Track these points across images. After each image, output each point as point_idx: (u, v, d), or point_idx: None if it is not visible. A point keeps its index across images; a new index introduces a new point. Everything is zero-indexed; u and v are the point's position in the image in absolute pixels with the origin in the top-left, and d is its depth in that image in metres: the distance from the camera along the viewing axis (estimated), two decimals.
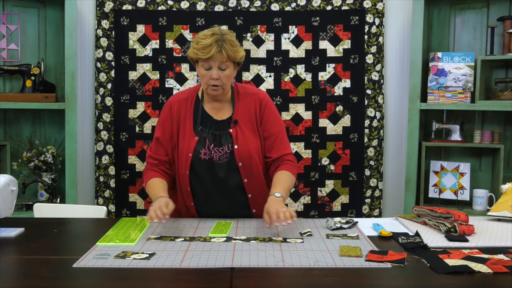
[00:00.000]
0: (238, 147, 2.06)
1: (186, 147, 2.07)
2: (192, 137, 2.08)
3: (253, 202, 2.12)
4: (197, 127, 2.09)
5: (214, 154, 2.06)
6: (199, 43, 1.99)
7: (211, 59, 1.98)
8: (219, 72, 2.01)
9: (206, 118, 2.11)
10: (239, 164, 2.06)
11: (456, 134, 3.29)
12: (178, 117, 2.12)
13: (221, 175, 2.07)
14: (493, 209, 2.10)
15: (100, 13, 3.41)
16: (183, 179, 2.10)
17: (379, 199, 3.48)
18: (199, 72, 2.05)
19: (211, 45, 1.96)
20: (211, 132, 2.08)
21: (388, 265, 1.48)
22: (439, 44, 3.39)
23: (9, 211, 1.85)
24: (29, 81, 3.25)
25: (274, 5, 3.42)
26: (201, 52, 1.97)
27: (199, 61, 2.02)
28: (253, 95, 2.16)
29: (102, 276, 1.43)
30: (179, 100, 2.15)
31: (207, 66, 2.00)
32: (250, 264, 1.49)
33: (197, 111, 2.12)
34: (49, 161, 3.27)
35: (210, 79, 2.01)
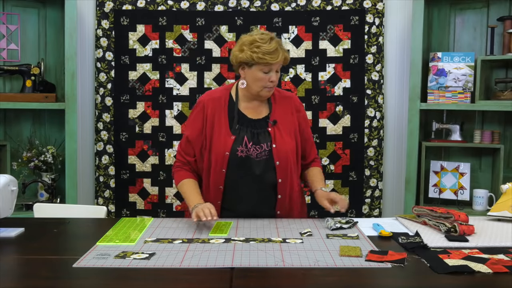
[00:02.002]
0: (277, 146, 2.10)
1: (223, 145, 2.08)
2: (228, 136, 2.10)
3: (280, 204, 2.13)
4: (234, 126, 2.11)
5: (252, 152, 2.09)
6: (260, 47, 2.02)
7: (274, 64, 2.04)
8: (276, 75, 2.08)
9: (242, 118, 2.14)
10: (276, 163, 2.09)
11: (456, 134, 3.29)
12: (212, 117, 2.13)
13: (258, 172, 2.09)
14: (493, 209, 2.10)
15: (100, 13, 3.41)
16: (216, 177, 2.10)
17: (379, 199, 3.48)
18: (253, 75, 2.07)
19: (277, 49, 2.03)
20: (249, 130, 2.11)
21: (388, 265, 1.48)
22: (439, 44, 3.39)
23: (9, 211, 1.85)
24: (29, 81, 3.25)
25: (274, 5, 3.42)
26: (269, 56, 2.01)
27: (256, 65, 2.04)
28: (288, 98, 2.23)
29: (102, 276, 1.43)
30: (212, 99, 2.17)
31: (267, 70, 2.05)
32: (250, 264, 1.49)
33: (232, 111, 2.14)
34: (49, 161, 3.27)
35: (268, 82, 2.06)
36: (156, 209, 3.48)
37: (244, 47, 2.06)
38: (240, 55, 2.07)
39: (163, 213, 3.47)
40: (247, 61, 2.05)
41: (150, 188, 3.47)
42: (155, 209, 3.48)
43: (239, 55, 2.07)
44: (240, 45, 2.09)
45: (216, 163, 2.09)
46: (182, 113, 3.45)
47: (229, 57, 2.21)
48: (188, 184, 2.13)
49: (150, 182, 3.48)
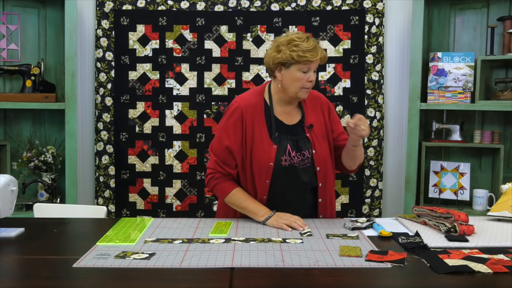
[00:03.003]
0: (316, 151, 2.08)
1: (266, 156, 2.03)
2: (270, 146, 2.05)
3: (322, 207, 2.12)
4: (273, 134, 2.06)
5: (296, 160, 2.06)
6: (299, 45, 1.97)
7: (313, 62, 2.00)
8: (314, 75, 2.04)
9: (279, 124, 2.09)
10: (317, 168, 2.08)
11: (456, 134, 3.29)
12: (252, 124, 2.07)
13: (303, 180, 2.07)
14: (493, 209, 2.10)
15: (100, 13, 3.41)
16: (261, 188, 2.06)
17: (379, 199, 3.48)
18: (291, 76, 2.01)
19: (316, 47, 2.00)
20: (289, 138, 2.07)
21: (388, 265, 1.48)
22: (439, 44, 3.39)
23: (9, 211, 1.85)
24: (29, 81, 3.25)
25: (274, 5, 3.42)
26: (309, 54, 1.97)
27: (295, 65, 1.99)
28: (317, 99, 2.20)
29: (102, 276, 1.43)
30: (249, 106, 2.09)
31: (306, 69, 2.00)
32: (250, 264, 1.49)
33: (269, 117, 2.09)
34: (49, 161, 3.27)
35: (307, 81, 2.01)
36: (156, 209, 3.48)
37: (282, 47, 2.00)
38: (277, 55, 2.00)
39: (163, 213, 3.47)
40: (286, 61, 1.99)
41: (150, 188, 3.47)
42: (155, 209, 3.48)
43: (277, 56, 2.01)
44: (276, 46, 2.03)
45: (260, 173, 2.04)
46: (182, 113, 3.45)
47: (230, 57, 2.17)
48: (242, 193, 2.07)
49: (150, 182, 3.48)
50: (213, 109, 3.45)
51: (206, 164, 3.47)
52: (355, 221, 1.96)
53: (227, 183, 2.09)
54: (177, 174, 3.47)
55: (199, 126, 3.46)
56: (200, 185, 3.48)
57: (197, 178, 3.47)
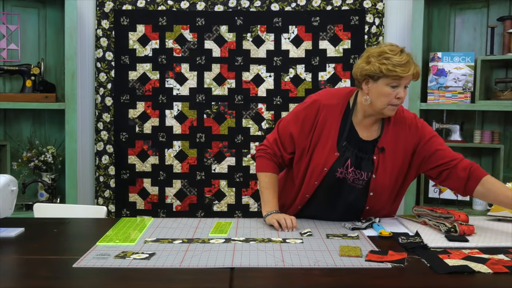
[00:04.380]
0: (377, 177, 1.96)
1: (324, 160, 1.97)
2: (333, 152, 1.97)
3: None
4: (341, 142, 1.97)
5: (350, 176, 1.97)
6: (390, 58, 1.85)
7: (405, 78, 1.86)
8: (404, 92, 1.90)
9: (352, 135, 1.99)
10: (370, 193, 1.99)
11: (456, 134, 3.29)
12: (324, 123, 1.99)
13: (349, 198, 2.00)
14: (493, 209, 2.10)
15: (100, 13, 3.41)
16: (307, 187, 2.02)
17: None
18: (378, 90, 1.89)
19: (409, 62, 1.87)
20: (354, 153, 1.97)
21: (388, 265, 1.48)
22: (439, 44, 3.39)
23: (9, 211, 1.85)
24: (29, 81, 3.25)
25: (274, 5, 3.42)
26: (400, 69, 1.84)
27: (384, 79, 1.87)
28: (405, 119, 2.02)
29: (102, 276, 1.43)
30: (329, 104, 2.01)
31: (396, 84, 1.87)
32: (250, 264, 1.49)
33: (344, 124, 1.99)
34: (49, 161, 3.27)
35: (395, 98, 1.88)
36: (156, 209, 3.48)
37: (372, 58, 1.89)
38: (366, 67, 1.89)
39: (163, 213, 3.47)
40: (374, 73, 1.87)
41: (150, 188, 3.47)
42: (155, 209, 3.48)
43: (365, 67, 1.90)
44: (366, 57, 1.92)
45: (312, 174, 2.00)
46: (182, 113, 3.45)
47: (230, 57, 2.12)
48: (271, 180, 2.05)
49: (150, 182, 3.48)
50: (213, 109, 3.45)
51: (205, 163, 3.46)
52: (355, 221, 1.96)
53: (269, 162, 2.06)
54: (177, 174, 3.47)
55: (199, 126, 3.46)
56: (200, 185, 3.48)
57: (197, 178, 3.47)
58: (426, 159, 1.99)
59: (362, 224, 1.92)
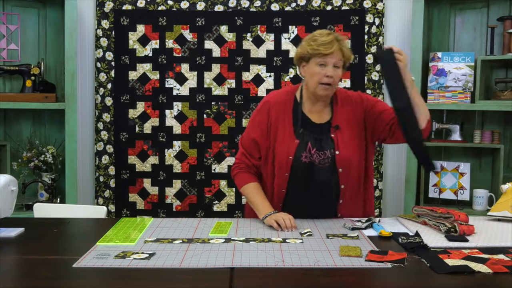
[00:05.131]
0: (340, 152, 2.06)
1: (287, 150, 2.06)
2: (292, 140, 2.07)
3: (342, 208, 2.11)
4: (298, 129, 2.08)
5: (315, 158, 2.06)
6: (316, 40, 2.01)
7: (330, 56, 2.00)
8: (333, 70, 2.02)
9: (306, 121, 2.11)
10: (339, 169, 2.06)
11: (456, 134, 3.29)
12: (276, 119, 2.12)
13: (321, 179, 2.06)
14: (493, 209, 2.10)
15: (100, 13, 3.41)
16: (280, 181, 2.09)
17: (379, 199, 3.48)
18: (310, 70, 2.04)
19: (332, 41, 2.01)
20: (312, 136, 2.07)
21: (388, 265, 1.48)
22: (439, 44, 3.39)
23: (9, 211, 1.85)
24: (29, 81, 3.25)
25: (274, 5, 3.42)
26: (322, 47, 1.99)
27: (312, 59, 2.02)
28: (349, 97, 2.16)
29: (102, 276, 1.43)
30: (276, 102, 2.15)
31: (323, 62, 2.01)
32: (250, 264, 1.49)
33: (296, 114, 2.11)
34: (49, 161, 3.27)
35: (324, 76, 2.01)
36: (156, 209, 3.48)
37: (304, 42, 2.07)
38: (299, 50, 2.08)
39: (163, 213, 3.47)
40: (304, 55, 2.05)
41: (150, 188, 3.48)
42: (155, 209, 3.48)
43: (298, 51, 2.08)
44: (300, 43, 2.12)
45: (280, 166, 2.08)
46: (182, 113, 3.45)
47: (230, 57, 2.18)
48: (255, 188, 2.12)
49: (150, 182, 3.48)
50: (213, 109, 3.45)
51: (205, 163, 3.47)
52: (355, 221, 1.96)
53: (247, 174, 2.16)
54: (177, 174, 3.47)
55: (199, 126, 3.46)
56: (200, 185, 3.48)
57: (197, 178, 3.47)
58: (376, 121, 2.10)
59: (362, 224, 1.92)
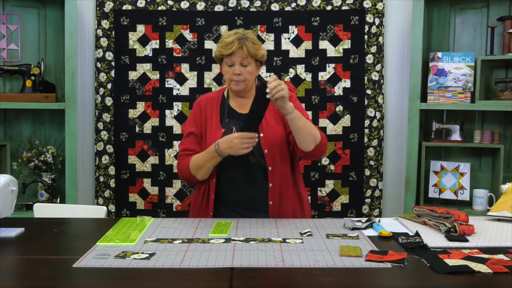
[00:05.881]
0: (264, 135, 2.15)
1: (214, 138, 2.15)
2: (218, 129, 2.18)
3: (272, 193, 2.15)
4: (224, 120, 2.20)
5: None
6: (222, 41, 2.13)
7: (233, 55, 2.10)
8: (241, 68, 2.12)
9: (232, 113, 2.22)
10: (264, 151, 2.14)
11: (456, 134, 3.29)
12: (205, 113, 2.24)
13: (249, 161, 2.13)
14: (493, 209, 2.10)
15: (100, 13, 3.41)
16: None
17: (379, 199, 3.48)
18: (223, 69, 2.18)
19: (233, 42, 2.10)
20: (237, 123, 2.18)
21: (388, 265, 1.48)
22: (439, 44, 3.39)
23: (9, 211, 1.85)
24: (29, 81, 3.25)
25: (274, 5, 3.42)
26: (223, 48, 2.11)
27: (223, 59, 2.14)
28: None
29: (102, 276, 1.43)
30: (206, 98, 2.29)
31: (230, 63, 2.13)
32: (250, 264, 1.49)
33: (223, 108, 2.24)
34: (49, 161, 3.27)
35: (232, 74, 2.13)
36: (156, 209, 3.48)
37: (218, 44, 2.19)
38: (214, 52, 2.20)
39: (163, 213, 3.47)
40: (217, 57, 2.19)
41: (150, 188, 3.48)
42: (155, 209, 3.48)
43: (214, 53, 2.20)
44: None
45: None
46: (182, 113, 3.45)
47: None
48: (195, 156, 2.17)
49: (150, 182, 3.48)
50: None
51: None
52: (355, 221, 1.96)
53: (187, 158, 2.20)
54: (177, 174, 3.46)
55: None
56: None
57: None
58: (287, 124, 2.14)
59: (362, 224, 1.92)
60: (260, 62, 2.19)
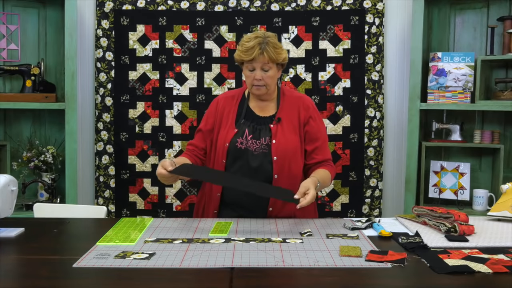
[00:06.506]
0: (276, 142, 2.13)
1: (224, 137, 2.16)
2: (232, 129, 2.18)
3: (273, 200, 2.13)
4: (240, 120, 2.19)
5: (251, 145, 2.13)
6: (243, 45, 2.11)
7: (254, 61, 2.10)
8: (262, 73, 2.12)
9: (249, 114, 2.22)
10: (273, 157, 2.11)
11: (456, 134, 3.29)
12: (222, 112, 2.23)
13: (254, 165, 2.12)
14: (493, 209, 2.10)
15: (100, 13, 3.41)
16: (218, 169, 2.16)
17: (379, 199, 3.48)
18: (244, 74, 2.17)
19: (254, 47, 2.08)
20: (251, 125, 2.18)
21: (388, 265, 1.48)
22: (439, 44, 3.39)
23: (9, 211, 1.85)
24: (29, 81, 3.25)
25: (274, 5, 3.42)
26: (244, 54, 2.10)
27: (244, 63, 2.13)
28: (298, 98, 2.27)
29: (102, 276, 1.43)
30: (226, 97, 2.28)
31: (251, 68, 2.12)
32: (250, 264, 1.49)
33: (241, 108, 2.23)
34: (49, 161, 3.27)
35: (254, 79, 2.13)
36: (156, 209, 3.48)
37: (238, 47, 2.17)
38: (235, 55, 2.18)
39: (163, 213, 3.47)
40: (237, 61, 2.18)
41: (150, 188, 3.47)
42: (155, 209, 3.48)
43: (235, 56, 2.18)
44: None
45: (218, 154, 2.17)
46: (182, 113, 3.45)
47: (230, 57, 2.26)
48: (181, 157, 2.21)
49: (150, 182, 3.48)
50: None
51: None
52: (355, 221, 1.96)
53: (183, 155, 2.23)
54: None
55: None
56: (200, 185, 3.47)
57: None
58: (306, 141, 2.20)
59: (362, 224, 1.92)
60: (281, 65, 2.19)
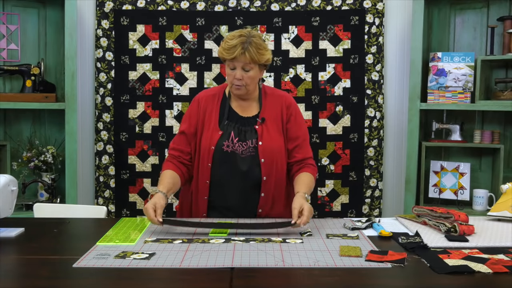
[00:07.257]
0: (263, 143, 2.10)
1: (209, 140, 2.11)
2: (216, 131, 2.12)
3: (263, 202, 2.12)
4: (223, 122, 2.14)
5: (237, 148, 2.10)
6: (226, 43, 2.05)
7: (235, 60, 2.04)
8: (242, 73, 2.06)
9: (232, 115, 2.16)
10: (261, 160, 2.09)
11: (456, 134, 3.30)
12: (204, 112, 2.17)
13: (243, 169, 2.09)
14: (493, 209, 2.10)
15: (100, 13, 3.41)
16: (203, 172, 2.12)
17: (379, 199, 3.48)
18: (226, 71, 2.12)
19: (236, 46, 2.02)
20: (236, 127, 2.13)
21: (388, 265, 1.48)
22: (439, 44, 3.39)
23: (9, 211, 1.85)
24: (29, 81, 3.25)
25: (274, 5, 3.42)
26: (226, 52, 2.04)
27: (225, 61, 2.08)
28: (280, 97, 2.22)
29: (102, 276, 1.43)
30: (206, 96, 2.22)
31: (232, 66, 2.07)
32: (250, 264, 1.49)
33: (223, 108, 2.17)
34: (49, 161, 3.27)
35: (234, 78, 2.08)
36: None
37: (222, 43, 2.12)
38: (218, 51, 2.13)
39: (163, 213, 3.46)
40: (219, 56, 2.11)
41: (150, 188, 3.47)
42: None
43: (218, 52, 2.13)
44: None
45: (203, 157, 2.12)
46: (182, 113, 3.45)
47: None
48: (163, 175, 2.13)
49: (150, 182, 3.48)
50: None
51: None
52: (355, 221, 1.96)
53: (168, 163, 2.17)
54: None
55: None
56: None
57: None
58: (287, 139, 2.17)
59: (362, 224, 1.92)
60: (264, 65, 2.12)
